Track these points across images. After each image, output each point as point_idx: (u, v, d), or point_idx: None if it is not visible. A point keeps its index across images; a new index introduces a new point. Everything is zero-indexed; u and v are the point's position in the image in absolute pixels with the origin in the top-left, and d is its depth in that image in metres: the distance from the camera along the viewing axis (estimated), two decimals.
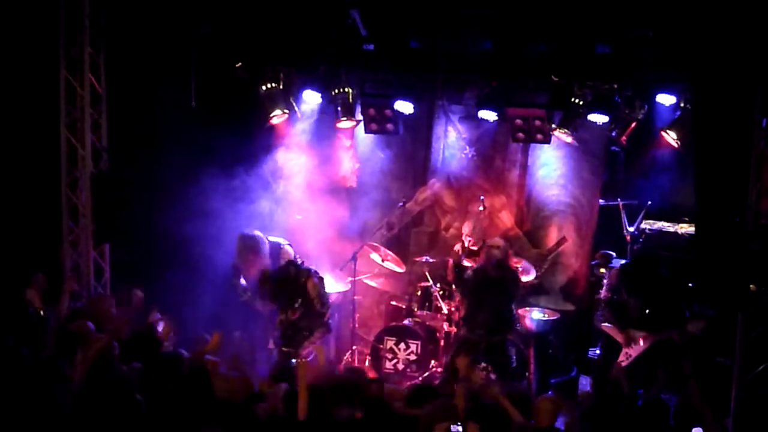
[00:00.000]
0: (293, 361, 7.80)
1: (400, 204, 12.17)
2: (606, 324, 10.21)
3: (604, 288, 10.31)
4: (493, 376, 10.07)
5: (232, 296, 11.26)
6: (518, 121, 10.91)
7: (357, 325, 11.76)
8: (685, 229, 11.42)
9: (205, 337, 9.44)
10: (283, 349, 9.82)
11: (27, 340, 8.68)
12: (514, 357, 10.40)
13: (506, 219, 12.16)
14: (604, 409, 7.65)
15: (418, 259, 11.92)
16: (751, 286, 8.37)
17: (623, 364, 9.80)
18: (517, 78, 10.90)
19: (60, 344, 8.53)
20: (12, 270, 10.44)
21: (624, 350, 9.88)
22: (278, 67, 11.58)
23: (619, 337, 9.96)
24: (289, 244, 11.49)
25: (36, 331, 9.20)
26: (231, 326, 11.23)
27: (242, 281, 11.21)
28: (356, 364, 11.14)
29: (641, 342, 9.80)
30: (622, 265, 10.56)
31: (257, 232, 11.17)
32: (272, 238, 11.45)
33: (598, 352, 11.13)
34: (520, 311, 11.12)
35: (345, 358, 11.62)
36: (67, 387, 7.54)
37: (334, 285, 11.52)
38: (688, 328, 9.77)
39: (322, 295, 9.91)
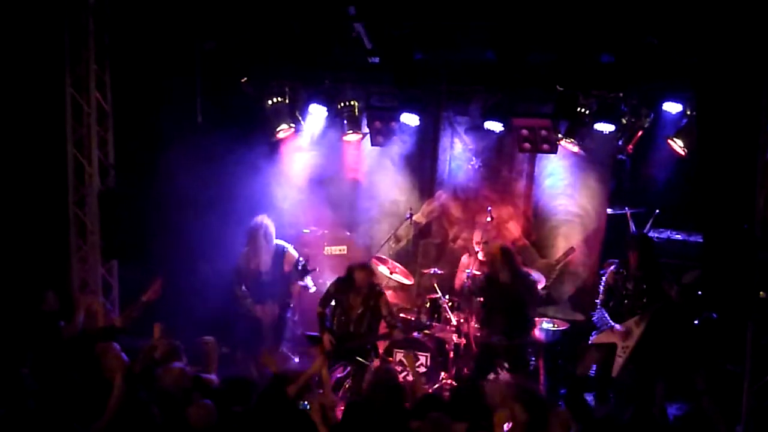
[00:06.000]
0: (305, 404, 7.76)
1: (407, 216, 12.15)
2: (594, 338, 10.19)
3: (601, 291, 10.28)
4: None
5: (235, 307, 11.28)
6: (524, 131, 10.91)
7: None
8: (694, 237, 11.38)
9: None
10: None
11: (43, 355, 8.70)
12: (533, 361, 10.38)
13: (514, 229, 12.14)
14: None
15: (426, 271, 11.89)
16: (760, 293, 8.35)
17: (620, 359, 9.83)
18: (523, 88, 10.91)
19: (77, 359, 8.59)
20: (21, 287, 10.46)
21: (620, 346, 9.88)
22: (284, 81, 11.61)
23: (612, 338, 9.94)
24: (294, 248, 11.50)
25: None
26: (237, 340, 11.23)
27: (243, 288, 11.24)
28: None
29: (635, 328, 9.81)
30: (616, 264, 10.47)
31: (267, 221, 11.22)
32: (277, 241, 11.47)
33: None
34: None
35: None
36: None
37: None
38: (684, 281, 9.75)
39: None
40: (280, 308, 11.31)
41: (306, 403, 7.51)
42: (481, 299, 10.71)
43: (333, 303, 10.41)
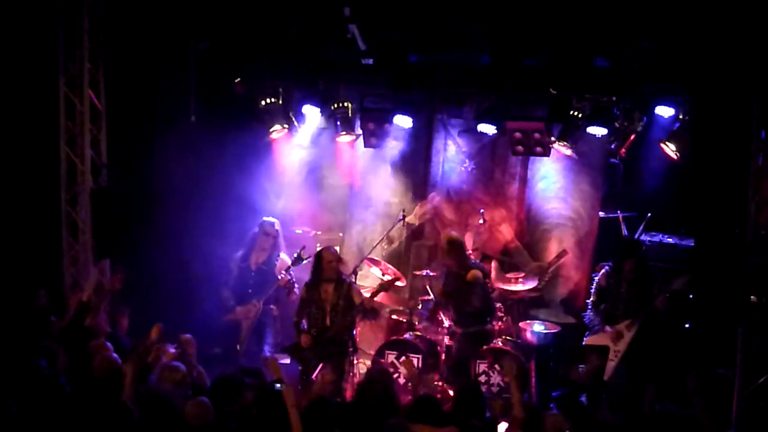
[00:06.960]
0: (278, 386, 7.68)
1: (400, 218, 12.12)
2: (587, 339, 10.24)
3: (593, 293, 10.31)
4: None
5: (217, 307, 11.29)
6: (517, 134, 10.93)
7: (357, 339, 11.72)
8: (686, 241, 11.40)
9: None
10: None
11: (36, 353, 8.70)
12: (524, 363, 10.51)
13: (506, 232, 12.14)
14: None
15: (418, 272, 11.89)
16: (751, 297, 8.38)
17: (612, 363, 9.89)
18: (517, 91, 10.92)
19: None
20: (12, 286, 10.45)
21: (612, 350, 9.92)
22: (277, 81, 11.59)
23: (604, 340, 9.97)
24: (285, 254, 11.50)
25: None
26: (218, 339, 11.23)
27: (228, 291, 11.26)
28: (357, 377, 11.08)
29: (626, 332, 9.86)
30: (608, 267, 10.49)
31: (273, 220, 11.26)
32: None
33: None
34: (521, 324, 11.16)
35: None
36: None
37: None
38: (673, 287, 9.78)
39: None
40: (263, 309, 11.28)
41: (279, 385, 7.44)
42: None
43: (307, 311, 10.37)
